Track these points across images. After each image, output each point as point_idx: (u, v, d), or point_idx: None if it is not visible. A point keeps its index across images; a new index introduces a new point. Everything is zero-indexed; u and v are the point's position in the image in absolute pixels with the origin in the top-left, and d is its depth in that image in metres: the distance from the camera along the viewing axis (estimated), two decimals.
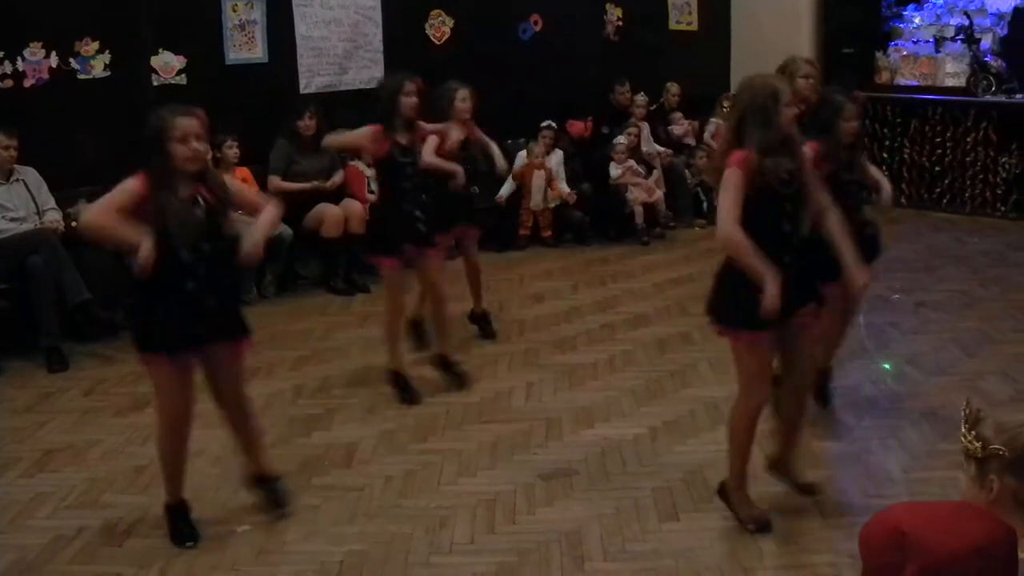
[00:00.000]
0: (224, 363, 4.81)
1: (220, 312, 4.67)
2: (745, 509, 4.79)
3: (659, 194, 10.53)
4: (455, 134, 7.04)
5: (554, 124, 10.30)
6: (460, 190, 6.95)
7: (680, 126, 11.40)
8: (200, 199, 4.56)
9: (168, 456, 4.84)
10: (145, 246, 4.36)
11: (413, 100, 6.31)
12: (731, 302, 4.60)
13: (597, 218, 10.44)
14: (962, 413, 2.59)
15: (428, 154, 6.59)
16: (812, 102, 5.87)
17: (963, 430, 2.55)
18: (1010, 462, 2.47)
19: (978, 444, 2.51)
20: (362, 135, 6.42)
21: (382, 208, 6.67)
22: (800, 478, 5.03)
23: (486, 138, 7.49)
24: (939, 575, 2.28)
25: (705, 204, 10.77)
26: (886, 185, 6.01)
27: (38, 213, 7.55)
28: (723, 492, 4.88)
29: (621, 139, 10.31)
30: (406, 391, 6.44)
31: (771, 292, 4.35)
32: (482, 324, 7.65)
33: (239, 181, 5.42)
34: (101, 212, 4.47)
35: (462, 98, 7.13)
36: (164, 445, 4.81)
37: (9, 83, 7.92)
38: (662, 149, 10.89)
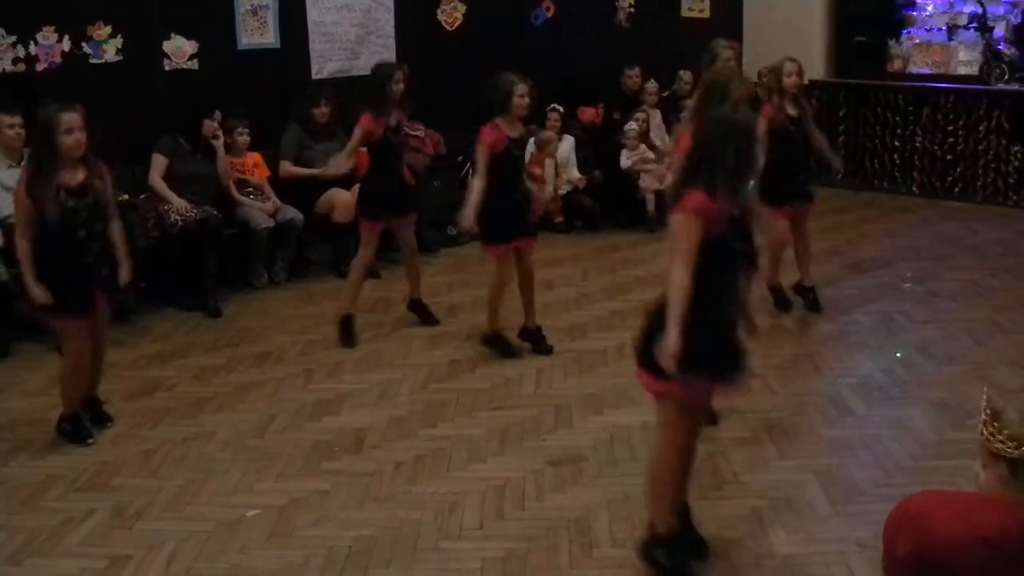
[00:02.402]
0: (102, 312, 5.77)
1: (109, 276, 5.67)
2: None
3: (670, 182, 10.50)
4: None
5: (559, 108, 10.29)
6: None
7: None
8: (92, 185, 5.47)
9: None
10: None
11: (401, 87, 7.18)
12: None
13: (608, 205, 10.43)
14: (984, 415, 2.43)
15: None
16: None
17: (990, 430, 2.41)
18: None
19: (1012, 444, 2.36)
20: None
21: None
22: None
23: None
24: (933, 558, 2.21)
25: None
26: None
27: None
28: None
29: (632, 126, 10.29)
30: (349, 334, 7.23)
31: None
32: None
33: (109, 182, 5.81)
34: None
35: (520, 94, 6.69)
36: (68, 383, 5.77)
37: (22, 67, 7.92)
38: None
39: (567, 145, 10.31)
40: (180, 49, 8.74)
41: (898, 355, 6.81)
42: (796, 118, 7.32)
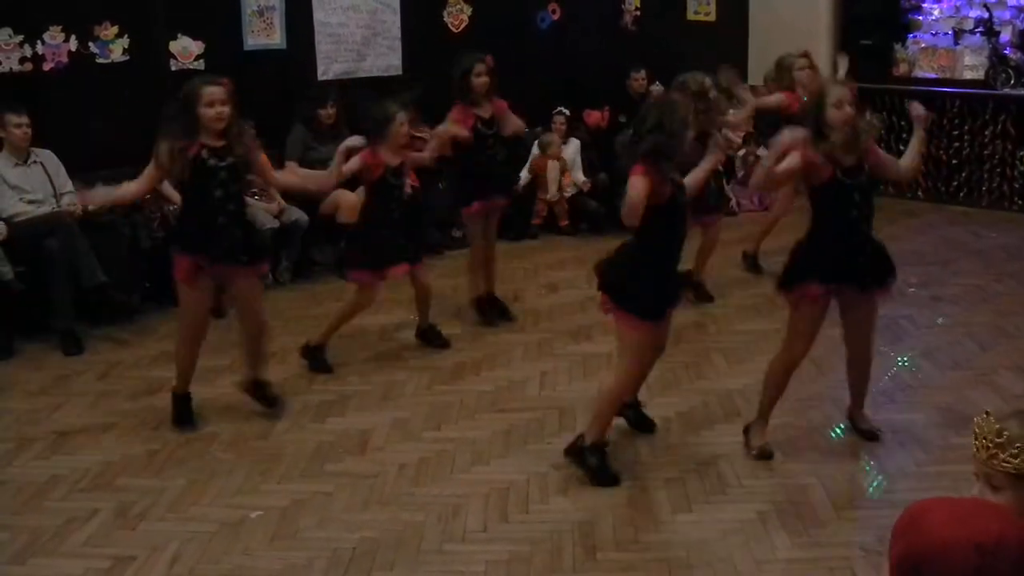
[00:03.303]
0: (243, 284, 5.85)
1: (244, 241, 5.73)
2: (758, 439, 5.43)
3: None
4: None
5: (565, 111, 10.30)
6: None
7: None
8: (233, 150, 5.65)
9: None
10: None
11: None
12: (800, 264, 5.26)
13: (613, 208, 10.41)
14: (992, 437, 2.37)
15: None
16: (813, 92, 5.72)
17: (1009, 453, 2.34)
18: None
19: None
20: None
21: None
22: (863, 425, 5.64)
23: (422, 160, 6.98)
24: (926, 561, 2.18)
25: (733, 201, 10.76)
26: None
27: (55, 196, 7.57)
28: (747, 428, 5.53)
29: None
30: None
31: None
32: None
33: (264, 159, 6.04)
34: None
35: (401, 123, 6.58)
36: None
37: (28, 67, 7.93)
38: None
39: (573, 148, 10.31)
40: (186, 49, 8.75)
41: (903, 360, 6.80)
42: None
